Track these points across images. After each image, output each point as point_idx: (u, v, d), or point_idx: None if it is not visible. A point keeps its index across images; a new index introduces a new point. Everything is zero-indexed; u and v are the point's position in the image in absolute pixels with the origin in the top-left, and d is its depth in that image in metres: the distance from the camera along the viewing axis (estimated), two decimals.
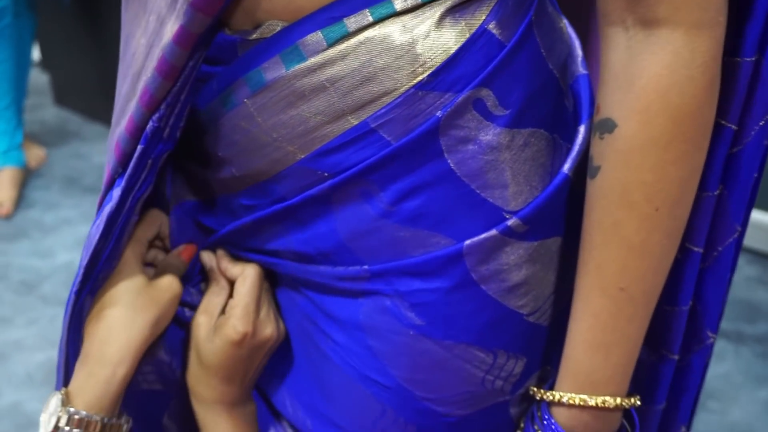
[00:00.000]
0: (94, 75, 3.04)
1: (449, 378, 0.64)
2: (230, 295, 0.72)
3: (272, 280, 0.75)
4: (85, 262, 0.65)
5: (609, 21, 0.57)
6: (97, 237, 0.65)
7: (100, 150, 2.92)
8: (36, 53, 3.33)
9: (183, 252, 0.74)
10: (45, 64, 3.27)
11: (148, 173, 0.65)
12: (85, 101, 3.15)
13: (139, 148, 0.62)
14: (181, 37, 0.56)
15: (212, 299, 0.72)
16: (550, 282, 0.64)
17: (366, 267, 0.63)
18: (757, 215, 2.33)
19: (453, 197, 0.59)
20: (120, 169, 0.65)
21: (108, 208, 0.64)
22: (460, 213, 0.60)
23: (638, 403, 0.63)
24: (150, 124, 0.61)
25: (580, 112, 0.66)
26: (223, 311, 0.72)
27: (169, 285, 0.71)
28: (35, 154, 2.78)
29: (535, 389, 0.65)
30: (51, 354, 1.94)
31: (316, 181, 0.61)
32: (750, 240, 2.33)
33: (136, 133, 0.62)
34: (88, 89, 3.09)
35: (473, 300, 0.61)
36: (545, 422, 0.63)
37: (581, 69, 0.68)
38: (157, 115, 0.61)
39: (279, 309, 0.75)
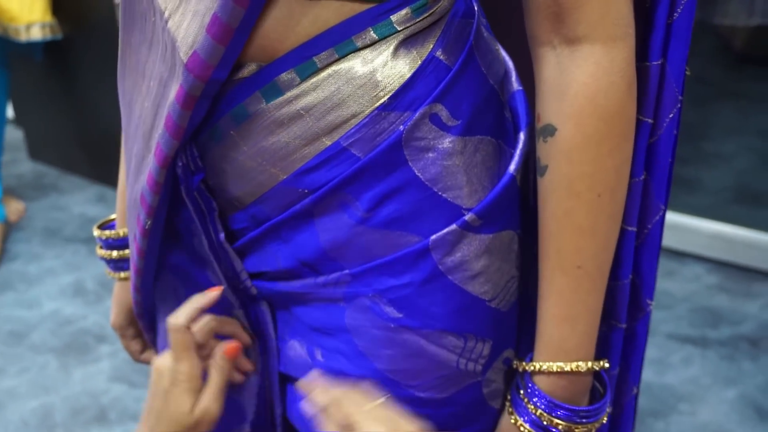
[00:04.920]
0: (67, 128, 3.10)
1: (428, 364, 0.72)
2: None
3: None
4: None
5: (538, 42, 0.67)
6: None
7: (78, 201, 2.97)
8: (9, 110, 3.40)
9: (227, 352, 0.78)
10: (18, 119, 3.33)
11: (192, 203, 0.74)
12: (59, 154, 3.20)
13: (182, 186, 0.71)
14: (182, 98, 0.65)
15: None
16: (506, 272, 0.73)
17: (347, 271, 0.71)
18: (715, 226, 2.44)
19: (419, 200, 0.68)
20: (148, 222, 0.75)
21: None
22: (426, 213, 0.68)
23: (607, 365, 0.72)
24: (179, 163, 0.70)
25: (518, 122, 0.75)
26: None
27: (206, 411, 0.75)
28: (14, 208, 2.83)
29: (517, 362, 0.74)
30: (44, 400, 2.00)
31: (297, 198, 0.69)
32: (710, 250, 2.44)
33: (156, 187, 0.72)
34: (61, 143, 3.15)
35: (443, 290, 0.70)
36: (529, 390, 0.71)
37: (515, 86, 0.77)
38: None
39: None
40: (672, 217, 2.46)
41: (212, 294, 0.76)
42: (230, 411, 0.87)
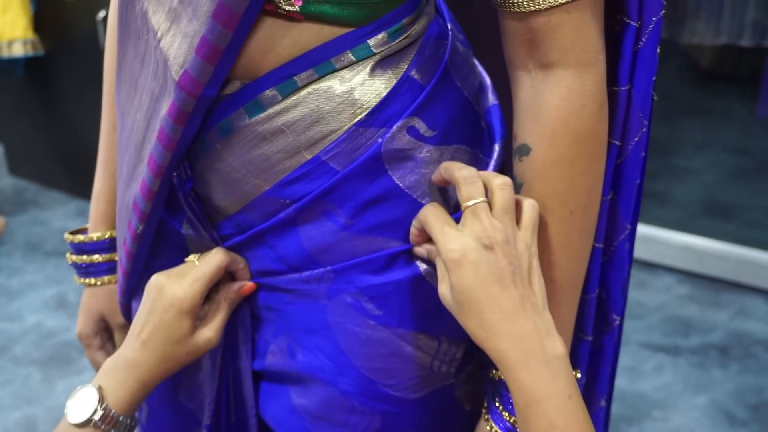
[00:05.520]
0: (48, 144, 3.11)
1: (404, 364, 0.75)
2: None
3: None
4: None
5: (515, 66, 0.71)
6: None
7: (58, 215, 2.99)
8: None
9: (244, 290, 0.80)
10: None
11: (189, 207, 0.78)
12: (39, 170, 3.21)
13: (180, 193, 0.75)
14: (174, 113, 0.69)
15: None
16: None
17: (329, 268, 0.73)
18: (685, 238, 2.51)
19: (400, 206, 0.71)
20: (140, 226, 0.78)
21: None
22: (406, 219, 0.72)
23: (579, 375, 0.75)
24: (174, 173, 0.74)
25: (493, 134, 0.78)
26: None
27: (208, 341, 0.77)
28: None
29: (495, 371, 0.76)
30: (27, 411, 2.01)
31: (279, 208, 0.73)
32: (680, 261, 2.50)
33: (149, 195, 0.75)
34: (42, 158, 3.16)
35: (420, 291, 0.73)
36: (504, 398, 0.73)
37: (491, 100, 0.81)
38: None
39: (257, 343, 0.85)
40: (643, 230, 2.52)
41: (248, 272, 0.79)
42: (180, 417, 0.89)
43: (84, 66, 2.77)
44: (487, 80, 0.82)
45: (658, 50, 0.74)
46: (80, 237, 0.94)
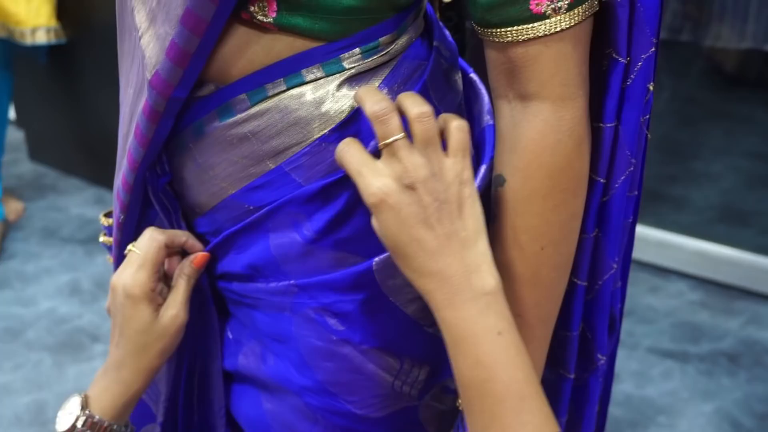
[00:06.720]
0: (68, 131, 3.14)
1: (365, 381, 0.75)
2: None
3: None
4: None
5: (496, 95, 0.70)
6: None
7: (77, 202, 3.02)
8: (11, 111, 3.43)
9: (195, 261, 0.79)
10: (20, 120, 3.36)
11: (158, 202, 0.79)
12: (59, 156, 3.24)
13: (150, 188, 0.77)
14: (147, 111, 0.71)
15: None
16: None
17: (292, 282, 0.74)
18: (700, 244, 2.50)
19: (366, 223, 0.70)
20: (122, 216, 0.80)
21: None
22: (373, 236, 0.70)
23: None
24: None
25: (482, 155, 0.76)
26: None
27: (174, 318, 0.77)
28: (14, 207, 2.87)
29: (460, 401, 0.73)
30: (37, 396, 2.04)
31: (244, 213, 0.74)
32: (693, 267, 2.49)
33: (126, 187, 0.77)
34: (62, 144, 3.19)
35: (384, 309, 0.73)
36: (464, 430, 0.70)
37: (487, 119, 0.79)
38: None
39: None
40: (658, 234, 2.51)
41: (197, 244, 0.79)
42: (137, 410, 0.89)
43: (105, 55, 2.77)
44: (485, 99, 0.81)
45: (651, 86, 0.72)
46: (110, 220, 0.97)
